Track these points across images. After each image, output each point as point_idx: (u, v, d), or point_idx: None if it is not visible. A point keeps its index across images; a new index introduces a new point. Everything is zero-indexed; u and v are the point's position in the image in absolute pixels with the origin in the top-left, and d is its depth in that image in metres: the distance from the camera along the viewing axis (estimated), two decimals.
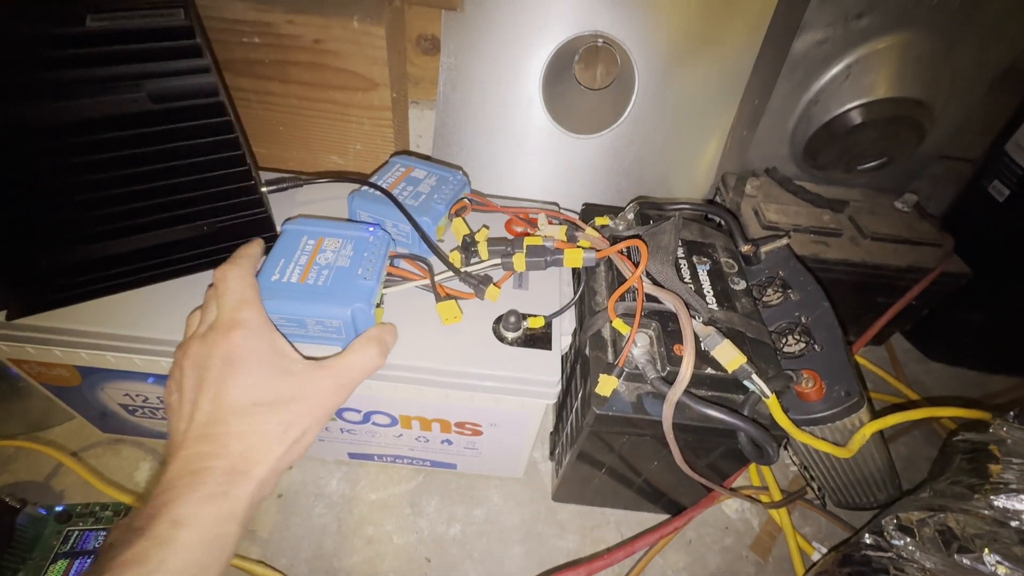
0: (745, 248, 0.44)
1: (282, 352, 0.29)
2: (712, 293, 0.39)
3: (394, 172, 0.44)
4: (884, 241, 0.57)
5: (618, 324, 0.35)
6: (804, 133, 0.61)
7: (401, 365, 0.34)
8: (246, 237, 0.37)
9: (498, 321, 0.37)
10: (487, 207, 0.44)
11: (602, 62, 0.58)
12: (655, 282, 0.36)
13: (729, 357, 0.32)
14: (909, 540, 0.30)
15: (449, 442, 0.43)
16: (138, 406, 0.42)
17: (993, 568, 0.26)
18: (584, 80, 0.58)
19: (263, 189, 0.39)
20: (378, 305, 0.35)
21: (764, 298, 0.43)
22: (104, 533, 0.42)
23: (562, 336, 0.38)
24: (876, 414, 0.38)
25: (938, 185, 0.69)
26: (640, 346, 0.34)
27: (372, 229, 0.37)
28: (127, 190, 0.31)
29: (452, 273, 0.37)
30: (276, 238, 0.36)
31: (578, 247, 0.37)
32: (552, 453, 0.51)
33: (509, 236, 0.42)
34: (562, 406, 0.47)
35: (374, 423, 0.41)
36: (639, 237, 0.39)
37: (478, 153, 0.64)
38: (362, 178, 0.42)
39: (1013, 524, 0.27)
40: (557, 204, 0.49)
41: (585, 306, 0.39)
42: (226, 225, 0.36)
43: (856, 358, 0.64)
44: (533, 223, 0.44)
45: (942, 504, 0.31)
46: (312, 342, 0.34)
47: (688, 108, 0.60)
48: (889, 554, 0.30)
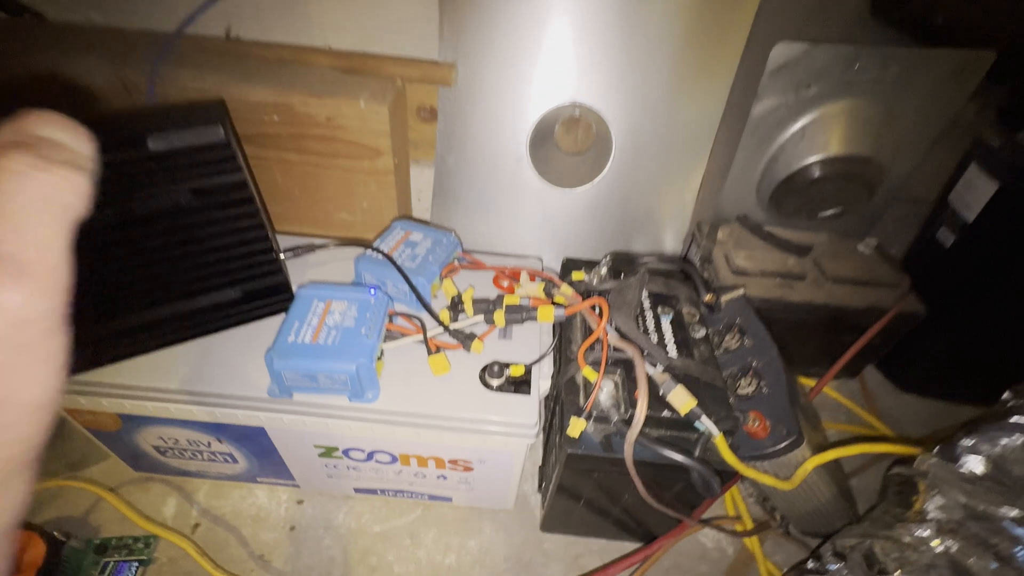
0: (707, 298, 0.50)
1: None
2: (673, 341, 0.44)
3: (394, 236, 0.50)
4: (845, 283, 0.62)
5: (587, 372, 0.40)
6: (768, 186, 0.66)
7: (399, 411, 0.40)
8: (268, 299, 0.44)
9: (484, 369, 0.42)
10: (476, 266, 0.50)
11: (581, 129, 0.64)
12: (621, 333, 0.42)
13: (682, 401, 0.37)
14: (842, 564, 0.34)
15: (444, 477, 0.48)
16: (168, 448, 0.48)
17: None
18: (565, 146, 0.65)
19: (281, 256, 0.45)
20: (379, 358, 0.40)
21: (724, 343, 0.48)
22: (134, 564, 0.46)
23: (541, 381, 0.43)
24: (827, 448, 0.43)
25: (901, 226, 0.74)
26: (606, 391, 0.39)
27: (373, 292, 0.42)
28: (170, 267, 0.37)
29: (442, 329, 0.42)
30: (291, 298, 0.43)
31: (551, 304, 0.43)
32: (540, 486, 0.55)
33: (494, 294, 0.47)
34: (547, 442, 0.51)
35: (376, 461, 0.46)
36: (606, 293, 0.44)
37: (473, 206, 0.71)
38: (366, 243, 0.49)
39: (923, 550, 0.31)
40: (541, 259, 0.55)
41: (562, 354, 0.45)
42: (250, 289, 0.43)
43: (828, 391, 0.68)
44: (516, 277, 0.50)
45: (871, 532, 0.35)
46: (323, 392, 0.39)
47: (662, 164, 0.66)
48: (821, 569, 0.34)
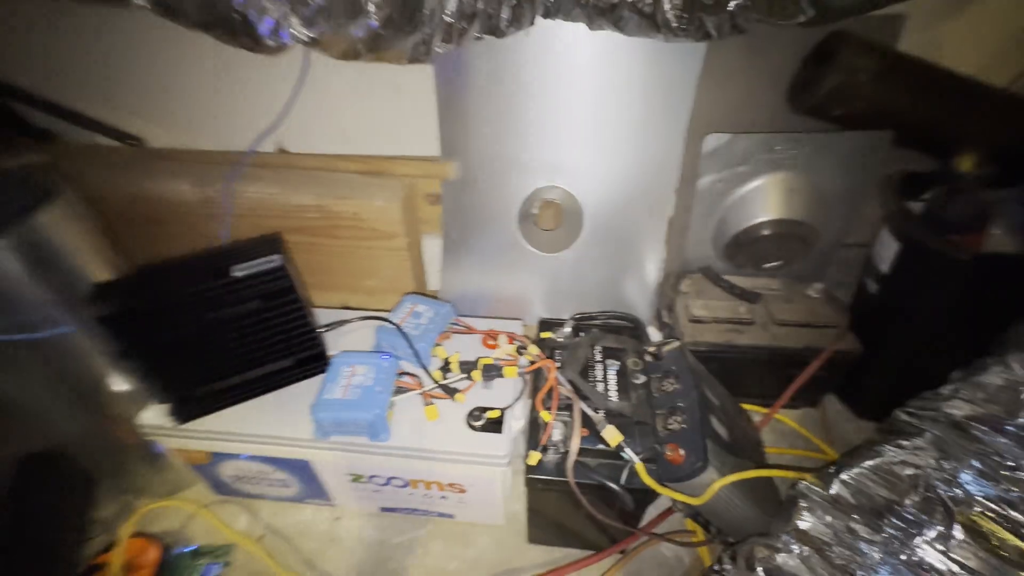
0: (651, 350, 0.62)
1: None
2: (616, 388, 0.56)
3: (404, 309, 0.65)
4: (788, 326, 0.72)
5: (543, 414, 0.53)
6: (720, 243, 0.78)
7: (405, 447, 0.54)
8: (311, 365, 0.59)
9: (470, 414, 0.56)
10: (468, 331, 0.65)
11: (553, 210, 0.78)
12: (571, 384, 0.55)
13: (611, 436, 0.50)
14: (732, 566, 0.44)
15: (445, 497, 0.61)
16: (242, 476, 0.64)
17: (759, 573, 0.40)
18: (545, 224, 0.79)
19: (319, 330, 0.61)
20: (390, 408, 0.55)
21: (662, 387, 0.59)
22: (220, 564, 0.62)
23: (514, 421, 0.57)
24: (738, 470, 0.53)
25: (848, 268, 0.82)
26: (558, 429, 0.52)
27: (387, 357, 0.57)
28: (245, 348, 0.54)
29: (434, 385, 0.57)
30: (326, 364, 0.58)
31: (514, 366, 0.56)
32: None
33: (479, 352, 0.61)
34: None
35: (393, 485, 0.60)
36: (561, 352, 0.57)
37: (475, 268, 0.86)
38: (383, 316, 0.64)
39: (784, 551, 0.41)
40: (520, 320, 0.69)
41: (532, 399, 0.58)
42: (299, 358, 0.58)
43: (785, 419, 0.77)
44: (497, 338, 0.64)
45: (758, 540, 0.45)
46: (348, 434, 0.54)
47: (629, 229, 0.79)
48: (721, 570, 0.45)
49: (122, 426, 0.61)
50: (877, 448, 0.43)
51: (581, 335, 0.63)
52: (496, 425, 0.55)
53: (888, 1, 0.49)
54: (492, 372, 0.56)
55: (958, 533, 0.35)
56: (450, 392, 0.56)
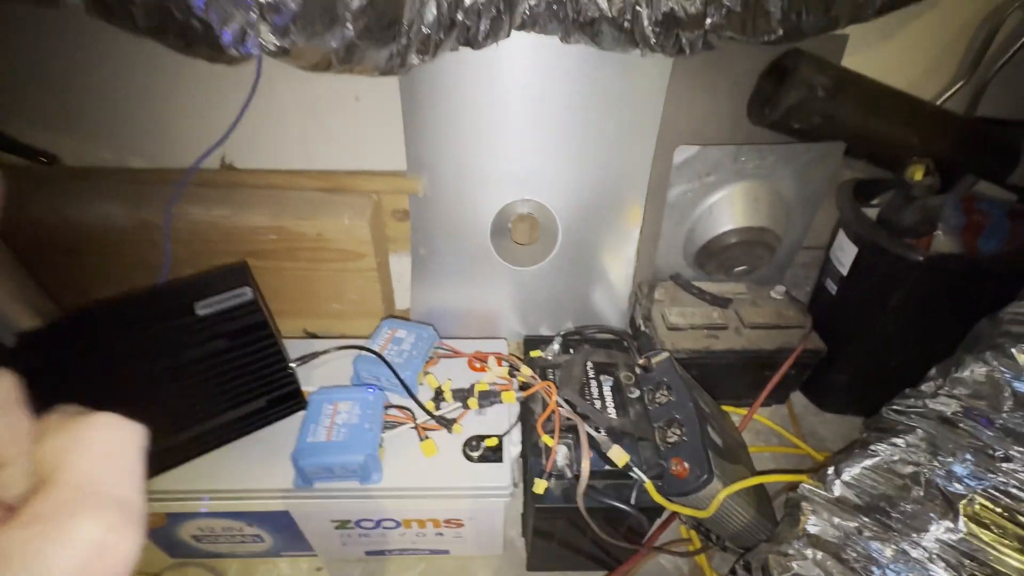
0: (641, 362, 0.61)
1: None
2: (613, 404, 0.55)
3: (383, 335, 0.61)
4: (759, 328, 0.75)
5: (545, 439, 0.51)
6: (691, 250, 0.80)
7: (400, 487, 0.50)
8: (285, 403, 0.54)
9: (465, 444, 0.53)
10: (453, 354, 0.61)
11: (528, 224, 0.77)
12: (570, 404, 0.53)
13: (618, 457, 0.49)
14: (748, 574, 0.45)
15: (440, 534, 0.57)
16: (205, 535, 0.56)
17: None
18: (518, 238, 0.77)
19: (292, 365, 0.56)
20: (380, 446, 0.51)
21: (656, 399, 0.59)
22: None
23: (512, 447, 0.54)
24: (739, 479, 0.54)
25: (808, 269, 0.88)
26: (561, 454, 0.50)
27: (371, 390, 0.53)
28: (210, 392, 0.48)
29: (427, 417, 0.53)
30: (302, 402, 0.53)
31: (512, 391, 0.54)
32: (523, 531, 0.65)
33: (468, 377, 0.58)
34: (526, 492, 0.61)
35: (383, 527, 0.56)
36: (557, 370, 0.56)
37: (446, 286, 0.83)
38: (361, 345, 0.59)
39: (799, 559, 0.42)
40: (506, 339, 0.67)
41: (528, 422, 0.56)
42: (272, 398, 0.53)
43: (760, 418, 0.80)
44: (486, 359, 0.61)
45: (770, 548, 0.46)
46: (338, 480, 0.49)
47: (601, 240, 0.79)
48: None
49: None
50: (872, 447, 0.45)
51: (571, 352, 0.61)
52: (495, 453, 0.53)
53: (848, 21, 0.53)
54: (490, 398, 0.54)
55: (962, 525, 0.37)
56: (447, 424, 0.53)
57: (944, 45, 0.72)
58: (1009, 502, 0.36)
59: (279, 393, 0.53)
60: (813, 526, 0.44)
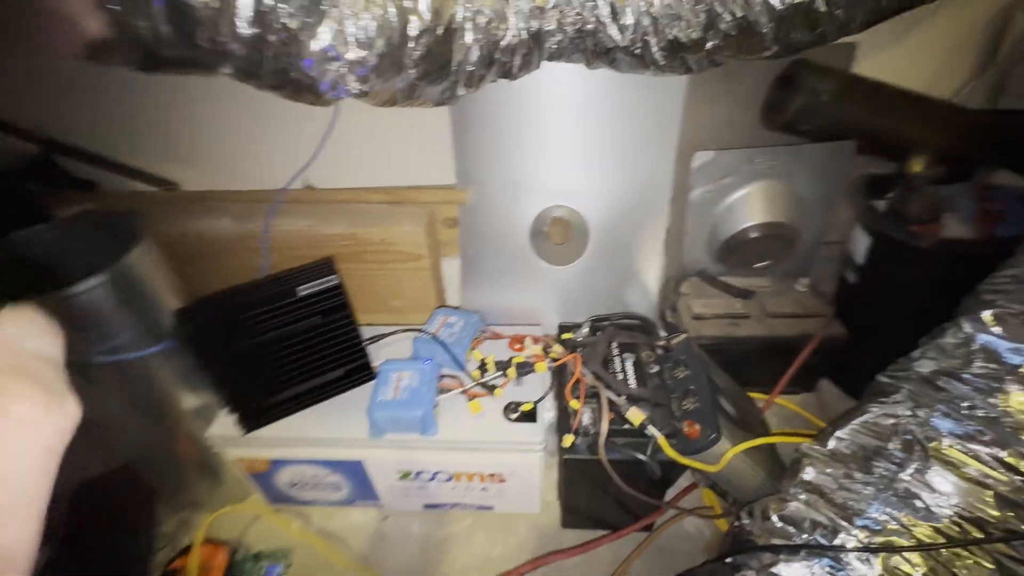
0: (662, 343, 0.69)
1: None
2: (634, 377, 0.63)
3: (437, 321, 0.72)
4: (781, 317, 0.80)
5: (572, 402, 0.60)
6: (714, 247, 0.86)
7: (451, 439, 0.60)
8: (358, 375, 0.66)
9: (506, 408, 0.63)
10: (495, 336, 0.72)
11: (562, 227, 0.87)
12: (595, 375, 0.62)
13: (635, 417, 0.57)
14: (751, 519, 0.51)
15: (485, 489, 0.67)
16: (297, 482, 0.69)
17: (774, 521, 0.47)
18: (554, 238, 0.87)
19: (364, 344, 0.68)
20: (436, 406, 0.62)
21: (674, 374, 0.66)
22: (280, 566, 0.67)
23: (545, 412, 0.63)
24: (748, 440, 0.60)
25: (830, 264, 0.91)
26: (586, 415, 0.59)
27: (428, 363, 0.64)
28: (305, 360, 0.61)
29: (474, 383, 0.64)
30: (371, 375, 0.65)
31: (544, 360, 0.63)
32: (559, 495, 0.73)
33: (508, 354, 0.69)
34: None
35: (438, 479, 0.66)
36: (583, 348, 0.65)
37: (492, 284, 0.93)
38: (419, 328, 0.71)
39: (791, 500, 0.48)
40: (540, 325, 0.76)
41: (559, 392, 0.65)
42: (348, 369, 0.65)
43: (786, 404, 0.84)
44: (523, 340, 0.71)
45: (771, 495, 0.52)
46: (401, 431, 0.60)
47: (630, 239, 0.87)
48: (739, 527, 0.51)
49: (188, 442, 0.67)
50: (863, 407, 0.50)
51: (598, 334, 0.70)
52: (530, 416, 0.62)
53: (836, 36, 0.59)
54: (525, 368, 0.63)
55: (933, 465, 0.42)
56: (489, 388, 0.63)
57: (954, 44, 0.75)
58: (972, 446, 0.41)
59: (354, 365, 0.66)
60: (808, 475, 0.50)
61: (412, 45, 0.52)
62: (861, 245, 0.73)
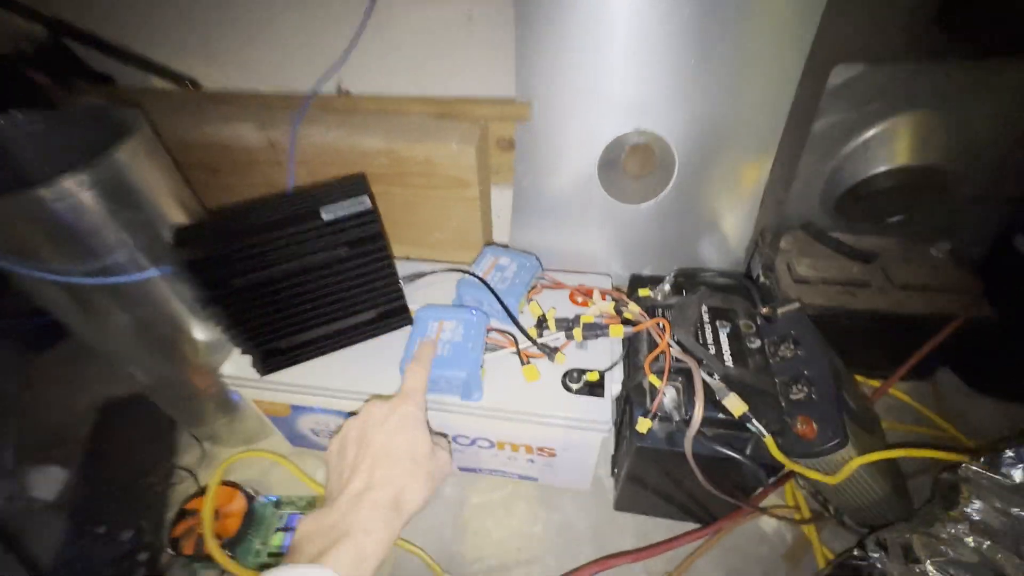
0: (764, 311, 0.55)
1: (427, 426, 0.40)
2: (730, 352, 0.50)
3: (487, 261, 0.60)
4: (911, 290, 0.64)
5: (652, 379, 0.48)
6: (832, 195, 0.69)
7: (497, 408, 0.50)
8: (392, 317, 0.56)
9: (565, 375, 0.52)
10: (556, 285, 0.59)
11: (644, 155, 0.71)
12: (682, 346, 0.49)
13: (735, 406, 0.44)
14: (882, 554, 0.39)
15: (532, 460, 0.58)
16: (321, 429, 0.62)
17: (928, 570, 0.35)
18: (631, 170, 0.71)
19: (401, 283, 0.57)
20: (481, 367, 0.51)
21: (779, 352, 0.53)
22: (302, 515, 0.61)
23: (613, 384, 0.52)
24: (883, 447, 0.48)
25: (981, 226, 0.72)
26: (668, 396, 0.47)
27: (474, 312, 0.53)
28: (330, 299, 0.50)
29: (529, 343, 0.52)
30: (409, 318, 0.55)
31: (620, 323, 0.51)
32: (613, 471, 0.64)
33: (571, 308, 0.56)
34: (619, 434, 0.60)
35: (478, 445, 0.57)
36: (669, 309, 0.52)
37: (547, 222, 0.80)
38: (464, 269, 0.59)
39: (955, 545, 0.36)
40: (610, 275, 0.63)
41: (631, 361, 0.53)
42: (381, 311, 0.55)
43: (896, 393, 0.70)
44: (589, 294, 0.58)
45: (913, 528, 0.40)
46: (440, 393, 0.50)
47: (723, 179, 0.71)
48: (867, 563, 0.40)
49: (203, 375, 0.60)
50: None
51: (684, 294, 0.57)
52: (595, 388, 0.51)
53: None
54: (595, 331, 0.51)
55: None
56: (550, 352, 0.52)
57: None
58: None
59: (388, 307, 0.55)
60: (976, 511, 0.37)
61: None
62: None
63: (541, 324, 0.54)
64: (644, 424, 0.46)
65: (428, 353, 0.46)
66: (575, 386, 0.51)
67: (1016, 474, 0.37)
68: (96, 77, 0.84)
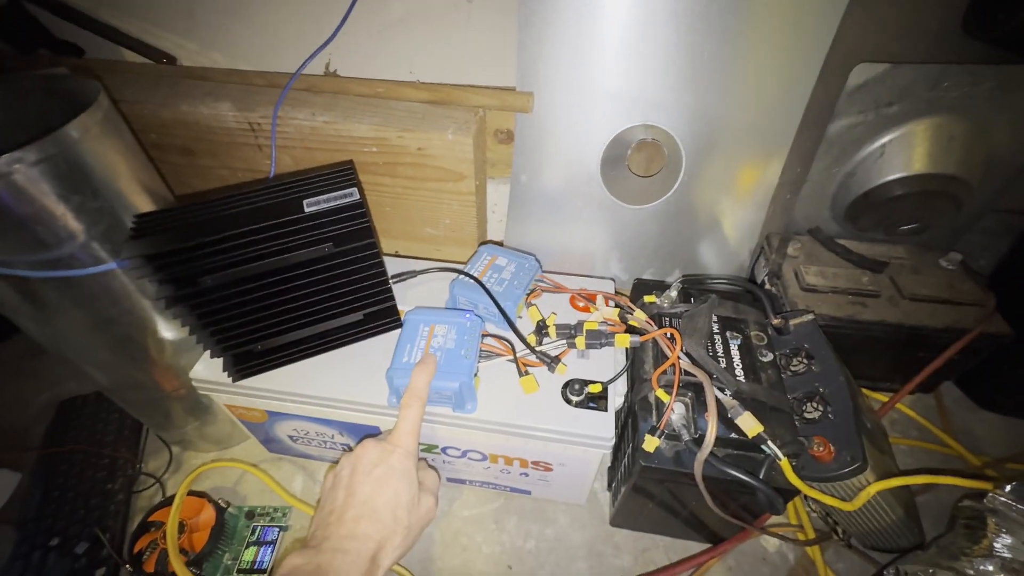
0: (776, 321, 0.52)
1: (415, 478, 0.40)
2: (741, 366, 0.47)
3: (482, 261, 0.56)
4: (921, 301, 0.62)
5: (660, 393, 0.45)
6: (843, 200, 0.66)
7: (492, 421, 0.47)
8: (380, 319, 0.52)
9: (565, 386, 0.48)
10: (556, 289, 0.56)
11: (652, 152, 0.67)
12: (692, 359, 0.46)
13: (749, 426, 0.41)
14: None
15: (526, 474, 0.54)
16: (300, 437, 0.58)
17: None
18: (636, 168, 0.68)
19: (390, 282, 0.53)
20: (475, 375, 0.47)
21: (791, 367, 0.50)
22: (276, 529, 0.57)
23: (616, 397, 0.49)
24: (897, 473, 0.45)
25: (993, 237, 0.71)
26: (677, 412, 0.44)
27: (468, 316, 0.49)
28: (312, 299, 0.46)
29: (527, 350, 0.49)
30: (398, 320, 0.50)
31: (626, 332, 0.47)
32: (610, 485, 0.60)
33: (572, 313, 0.53)
34: (618, 448, 0.57)
35: (469, 458, 0.54)
36: (676, 316, 0.48)
37: (545, 220, 0.76)
38: (458, 269, 0.55)
39: None
40: (613, 280, 0.60)
41: (635, 373, 0.49)
42: (369, 312, 0.50)
43: (900, 407, 0.68)
44: (592, 299, 0.55)
45: (937, 561, 0.37)
46: (430, 404, 0.46)
47: (732, 181, 0.68)
48: None
49: (171, 377, 0.55)
50: None
51: (692, 301, 0.53)
52: (597, 401, 0.47)
53: None
54: (599, 339, 0.48)
55: None
56: (551, 361, 0.48)
57: None
58: None
59: (376, 308, 0.51)
60: (1006, 547, 0.34)
61: None
62: None
63: (541, 330, 0.50)
64: (651, 443, 0.42)
65: (425, 381, 0.43)
66: (576, 398, 0.47)
67: None
68: (63, 47, 0.78)
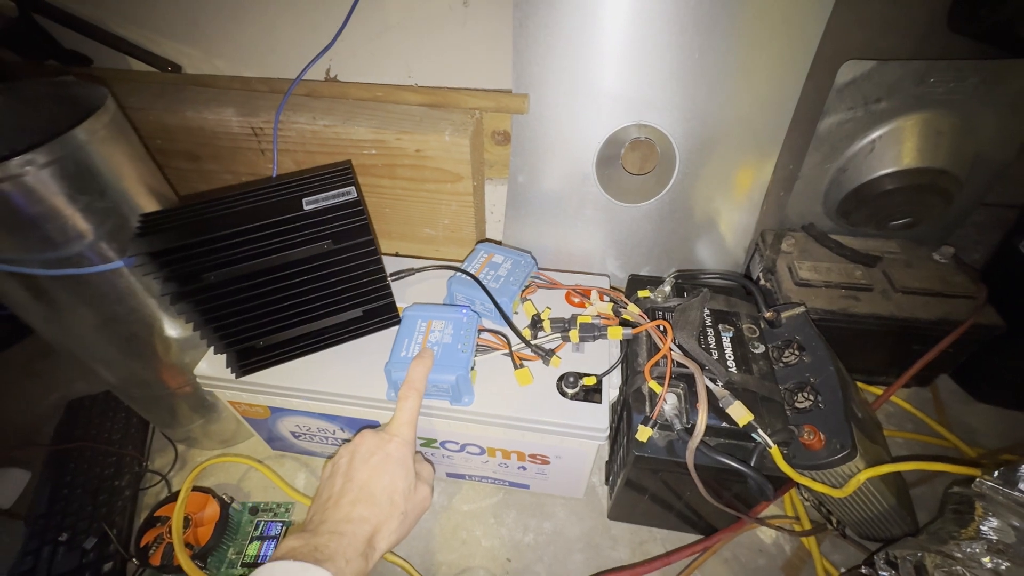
0: (768, 315, 0.53)
1: (412, 466, 0.41)
2: (733, 357, 0.48)
3: (479, 258, 0.57)
4: (914, 294, 0.62)
5: (653, 384, 0.45)
6: (836, 196, 0.67)
7: (489, 413, 0.48)
8: (380, 317, 0.53)
9: (561, 379, 0.49)
10: (551, 285, 0.57)
11: (646, 151, 0.68)
12: (683, 350, 0.47)
13: (739, 415, 0.42)
14: (893, 572, 0.38)
15: (524, 468, 0.55)
16: (302, 433, 0.59)
17: None
18: (631, 167, 0.69)
19: (389, 280, 0.54)
20: (472, 369, 0.48)
21: (783, 358, 0.51)
22: (279, 524, 0.58)
23: (610, 390, 0.50)
24: (888, 462, 0.46)
25: (984, 231, 0.71)
26: (670, 403, 0.45)
27: (465, 311, 0.50)
28: (312, 296, 0.47)
29: (523, 344, 0.50)
30: (396, 317, 0.52)
31: (619, 325, 0.48)
32: (607, 479, 0.61)
33: (567, 309, 0.54)
34: (615, 441, 0.57)
35: (467, 452, 0.55)
36: (670, 311, 0.49)
37: (542, 219, 0.77)
38: (456, 266, 0.57)
39: (971, 566, 0.34)
40: (608, 276, 0.61)
41: (629, 366, 0.50)
42: (368, 309, 0.52)
43: (896, 400, 0.68)
44: (587, 294, 0.56)
45: (925, 545, 0.38)
46: (429, 397, 0.47)
47: (726, 179, 0.69)
48: None
49: (176, 374, 0.56)
50: None
51: (685, 296, 0.54)
52: (592, 394, 0.48)
53: None
54: (592, 332, 0.49)
55: None
56: (545, 354, 0.49)
57: None
58: None
59: (375, 305, 0.52)
60: (992, 530, 0.35)
61: None
62: None
63: (535, 324, 0.51)
64: (644, 432, 0.43)
65: (422, 373, 0.44)
66: (571, 391, 0.48)
67: None
68: (71, 57, 0.80)
